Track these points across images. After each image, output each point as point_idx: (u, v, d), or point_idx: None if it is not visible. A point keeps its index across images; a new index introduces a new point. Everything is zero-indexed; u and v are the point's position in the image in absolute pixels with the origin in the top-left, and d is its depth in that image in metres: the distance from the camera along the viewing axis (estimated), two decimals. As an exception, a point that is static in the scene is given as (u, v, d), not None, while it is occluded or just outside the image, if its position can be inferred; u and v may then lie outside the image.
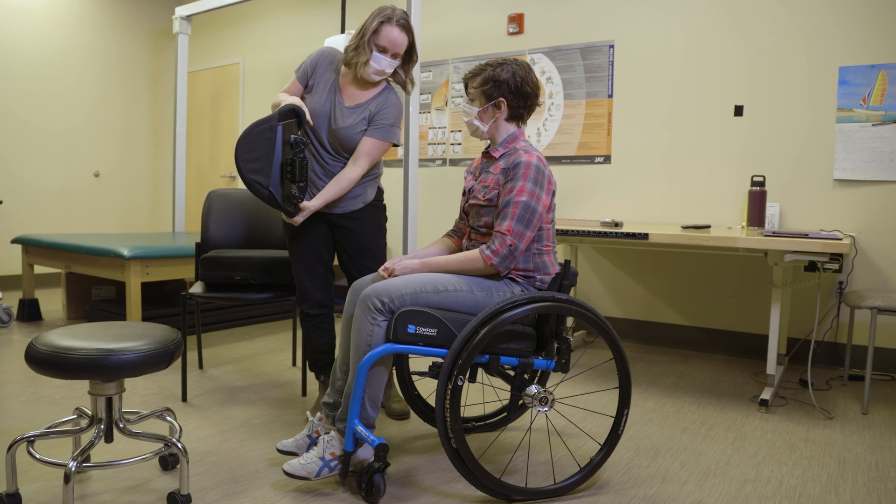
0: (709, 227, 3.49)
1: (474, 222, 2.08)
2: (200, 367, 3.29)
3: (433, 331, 1.86)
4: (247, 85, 6.05)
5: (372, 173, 2.47)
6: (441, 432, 1.80)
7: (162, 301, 4.15)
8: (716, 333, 3.91)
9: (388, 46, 2.23)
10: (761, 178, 3.30)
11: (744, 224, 3.74)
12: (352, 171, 2.33)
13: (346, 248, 2.47)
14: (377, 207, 2.51)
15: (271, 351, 3.67)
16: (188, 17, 5.14)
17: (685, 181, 3.95)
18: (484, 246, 1.94)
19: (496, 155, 2.07)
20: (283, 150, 2.12)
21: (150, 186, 6.54)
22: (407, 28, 2.26)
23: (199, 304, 3.41)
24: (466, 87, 2.11)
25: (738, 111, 3.78)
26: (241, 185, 6.05)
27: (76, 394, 2.78)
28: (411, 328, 1.84)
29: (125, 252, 3.43)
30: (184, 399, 2.76)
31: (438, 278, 1.93)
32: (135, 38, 6.29)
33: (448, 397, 1.79)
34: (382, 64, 2.26)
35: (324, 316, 2.51)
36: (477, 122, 2.07)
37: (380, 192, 2.54)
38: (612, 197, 4.21)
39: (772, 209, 3.59)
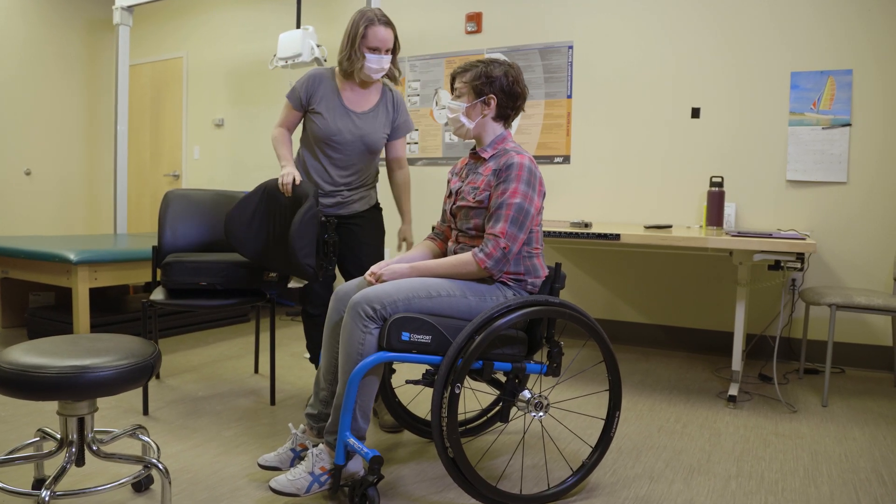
0: (670, 226, 3.56)
1: (462, 224, 2.03)
2: (157, 376, 3.12)
3: (427, 338, 1.81)
4: (191, 80, 5.80)
5: (376, 176, 2.66)
6: (437, 442, 1.75)
7: (106, 308, 3.91)
8: (675, 331, 4.00)
9: (380, 45, 2.38)
10: (720, 179, 3.39)
11: (702, 224, 3.83)
12: (407, 175, 2.64)
13: (351, 245, 2.55)
14: (379, 210, 2.68)
15: (229, 358, 3.52)
16: (130, 8, 4.88)
17: (643, 181, 4.02)
18: (477, 249, 1.89)
19: (485, 156, 2.02)
20: (319, 228, 2.29)
21: (85, 186, 6.18)
22: (390, 24, 2.42)
23: (156, 310, 3.23)
24: (453, 82, 2.06)
25: (695, 113, 3.88)
26: (187, 184, 5.80)
27: (24, 411, 2.58)
28: (405, 335, 1.78)
29: (72, 256, 3.21)
30: (145, 412, 2.60)
31: (430, 283, 1.88)
32: (70, 28, 5.93)
33: (445, 406, 1.74)
34: (381, 62, 2.40)
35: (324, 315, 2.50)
36: (463, 119, 2.02)
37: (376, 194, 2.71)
38: (571, 197, 4.24)
39: (728, 209, 3.69)
